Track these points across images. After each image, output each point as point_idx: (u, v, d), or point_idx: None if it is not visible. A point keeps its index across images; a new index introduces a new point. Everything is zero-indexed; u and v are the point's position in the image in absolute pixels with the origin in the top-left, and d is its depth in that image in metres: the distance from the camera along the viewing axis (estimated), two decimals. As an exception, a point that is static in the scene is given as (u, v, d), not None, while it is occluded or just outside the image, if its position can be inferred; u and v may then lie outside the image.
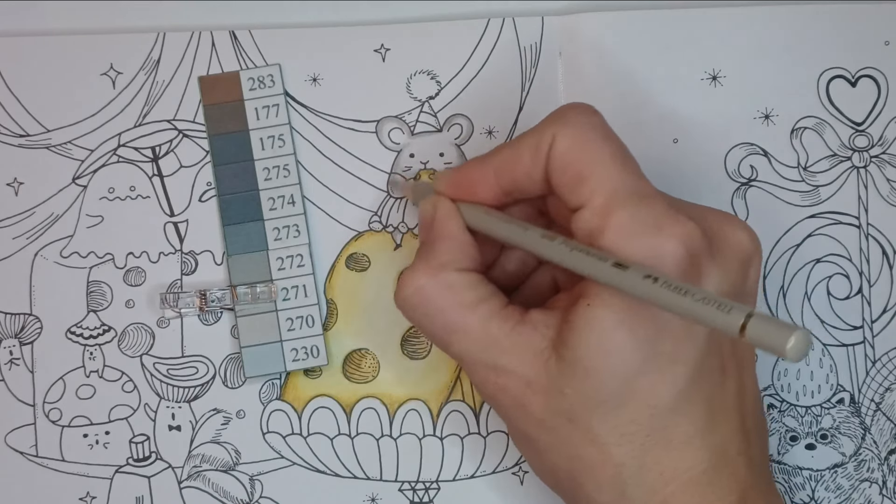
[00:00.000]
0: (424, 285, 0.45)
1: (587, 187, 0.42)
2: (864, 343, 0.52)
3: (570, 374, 0.42)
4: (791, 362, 0.43)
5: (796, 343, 0.35)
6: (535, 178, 0.44)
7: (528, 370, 0.43)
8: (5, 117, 0.53)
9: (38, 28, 0.53)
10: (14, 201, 0.52)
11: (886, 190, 0.53)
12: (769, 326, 0.35)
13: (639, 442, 0.42)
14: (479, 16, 0.54)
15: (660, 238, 0.41)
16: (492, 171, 0.46)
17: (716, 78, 0.53)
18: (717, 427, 0.43)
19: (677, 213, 0.42)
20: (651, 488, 0.43)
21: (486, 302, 0.44)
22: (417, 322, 0.46)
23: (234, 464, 0.52)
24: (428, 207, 0.47)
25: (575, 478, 0.44)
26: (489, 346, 0.44)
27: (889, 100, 0.53)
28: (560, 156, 0.43)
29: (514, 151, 0.45)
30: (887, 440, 0.52)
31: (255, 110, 0.53)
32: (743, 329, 0.36)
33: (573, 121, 0.44)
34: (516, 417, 0.45)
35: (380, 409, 0.52)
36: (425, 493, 0.52)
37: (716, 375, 0.43)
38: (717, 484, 0.43)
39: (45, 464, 0.51)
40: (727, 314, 0.36)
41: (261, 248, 0.52)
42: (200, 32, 0.53)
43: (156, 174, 0.53)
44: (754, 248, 0.45)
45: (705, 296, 0.37)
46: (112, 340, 0.52)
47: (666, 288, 0.38)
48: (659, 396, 0.42)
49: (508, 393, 0.44)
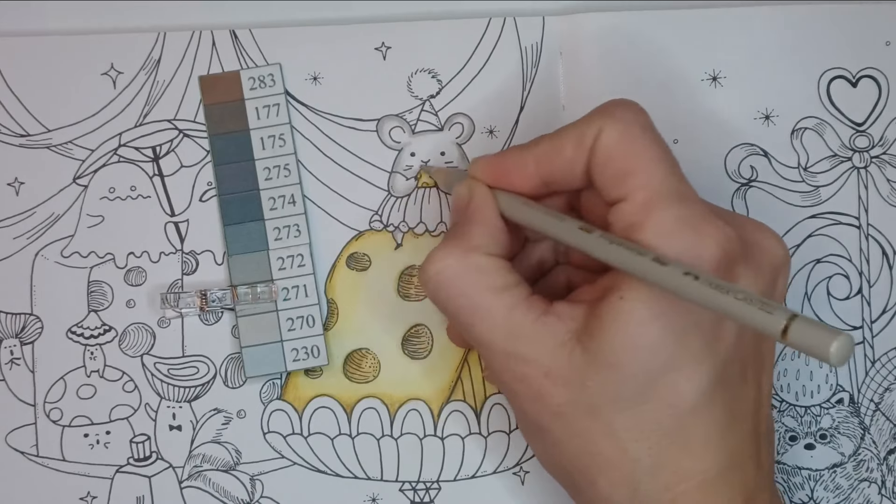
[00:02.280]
0: (453, 265, 0.44)
1: (630, 182, 0.42)
2: (863, 343, 0.53)
3: (595, 367, 0.42)
4: (834, 367, 0.43)
5: (839, 348, 0.35)
6: (576, 170, 0.44)
7: (549, 360, 0.43)
8: (6, 117, 0.53)
9: (38, 28, 0.53)
10: (15, 201, 0.52)
11: (887, 190, 0.53)
12: (813, 330, 0.35)
13: (656, 440, 0.42)
14: (481, 15, 0.54)
15: (699, 238, 0.41)
16: (532, 159, 0.45)
17: (716, 78, 0.53)
18: (733, 431, 0.43)
19: (716, 217, 0.42)
20: (664, 487, 0.43)
21: (513, 289, 0.44)
22: (440, 302, 0.45)
23: (234, 464, 0.52)
24: (464, 191, 0.47)
25: (587, 472, 0.44)
26: (511, 334, 0.44)
27: (890, 100, 0.53)
28: (605, 149, 0.43)
29: (557, 142, 0.45)
30: (886, 440, 0.52)
31: (256, 110, 0.53)
32: (785, 331, 0.36)
33: (620, 116, 0.44)
34: (531, 408, 0.44)
35: (380, 409, 0.52)
36: (426, 493, 0.52)
37: (737, 380, 0.43)
38: (727, 486, 0.43)
39: (45, 464, 0.52)
40: (770, 315, 0.36)
41: (261, 248, 0.52)
42: (201, 32, 0.53)
43: (156, 174, 0.53)
44: (785, 257, 0.45)
45: (748, 296, 0.37)
46: (113, 340, 0.52)
47: (707, 286, 0.38)
48: (681, 396, 0.42)
49: (526, 382, 0.44)
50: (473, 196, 0.46)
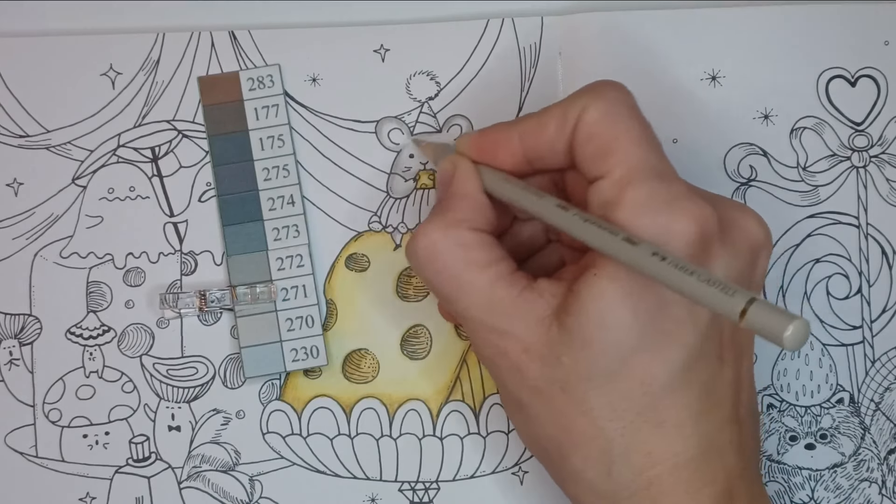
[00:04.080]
0: (437, 241, 0.45)
1: (610, 160, 0.43)
2: (863, 343, 0.53)
3: (569, 343, 0.42)
4: (788, 351, 0.43)
5: (794, 332, 0.35)
6: (559, 147, 0.45)
7: (528, 336, 0.43)
8: (5, 118, 0.53)
9: (38, 28, 0.53)
10: (14, 202, 0.52)
11: (886, 190, 0.53)
12: (769, 313, 0.36)
13: (629, 419, 0.43)
14: (479, 16, 0.54)
15: (673, 216, 0.41)
16: (516, 135, 0.46)
17: (715, 78, 0.53)
18: (709, 415, 0.43)
19: (694, 194, 0.42)
20: (638, 468, 0.43)
21: (496, 264, 0.44)
22: (425, 277, 0.45)
23: (233, 464, 0.52)
24: (448, 166, 0.47)
25: (562, 449, 0.44)
26: (493, 308, 0.44)
27: (888, 100, 0.53)
28: (588, 126, 0.43)
29: (542, 118, 0.45)
30: (887, 440, 0.52)
31: (255, 110, 0.53)
32: (743, 314, 0.36)
33: (605, 95, 0.44)
34: (511, 382, 0.45)
35: (379, 410, 0.52)
36: (425, 493, 0.52)
37: (713, 362, 0.43)
38: (704, 471, 0.43)
39: (44, 464, 0.51)
40: (730, 297, 0.37)
41: (260, 249, 0.52)
42: (200, 33, 0.53)
43: (155, 174, 0.53)
44: (765, 238, 0.45)
45: (710, 278, 0.37)
46: (112, 341, 0.52)
47: (672, 266, 0.39)
48: (653, 376, 0.42)
49: (506, 357, 0.44)
50: (457, 171, 0.47)
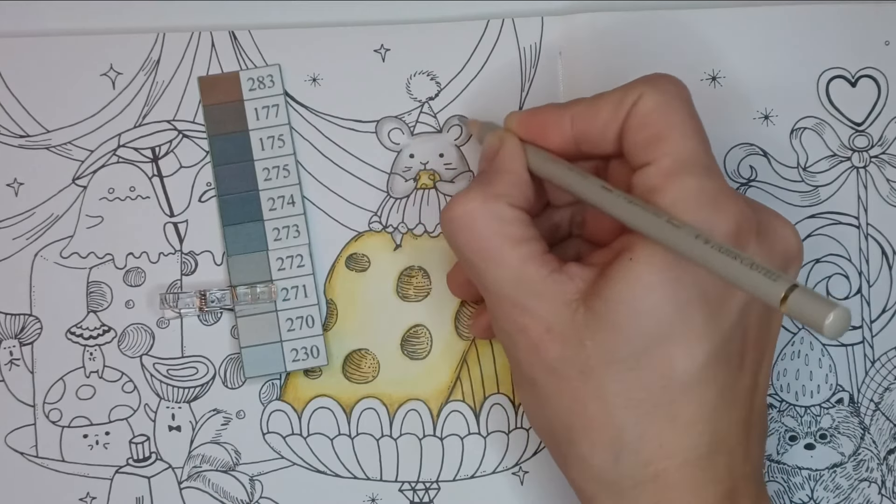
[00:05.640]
0: (475, 210, 0.45)
1: (660, 149, 0.43)
2: (863, 343, 0.53)
3: (595, 327, 0.42)
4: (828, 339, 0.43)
5: (835, 320, 0.35)
6: (611, 131, 0.45)
7: (553, 316, 0.43)
8: (5, 118, 0.53)
9: (38, 28, 0.53)
10: (14, 202, 0.52)
11: (886, 190, 0.53)
12: (810, 300, 0.36)
13: (644, 410, 0.43)
14: (479, 16, 0.54)
15: (716, 211, 0.42)
16: (568, 117, 0.46)
17: (715, 78, 0.53)
18: (723, 415, 0.43)
19: (736, 195, 0.43)
20: (646, 460, 0.43)
21: (530, 243, 0.45)
22: (457, 244, 0.45)
23: (234, 464, 0.52)
24: (494, 140, 0.48)
25: (571, 432, 0.44)
26: (522, 285, 0.44)
27: (889, 100, 0.53)
28: (642, 114, 0.44)
29: (596, 102, 0.45)
30: (886, 440, 0.52)
31: (255, 110, 0.53)
32: (784, 300, 0.36)
33: (662, 86, 0.44)
34: (527, 360, 0.45)
35: (380, 410, 0.52)
36: (425, 493, 0.52)
37: (734, 363, 0.44)
38: (711, 470, 0.43)
39: (45, 464, 0.51)
40: (773, 282, 0.37)
41: (261, 249, 0.52)
42: (200, 33, 0.53)
43: (156, 174, 0.53)
44: (798, 250, 0.46)
45: (753, 262, 0.38)
46: (112, 341, 0.52)
47: (715, 250, 0.39)
48: (675, 369, 0.42)
49: (526, 333, 0.44)
50: (504, 145, 0.47)
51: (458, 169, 0.53)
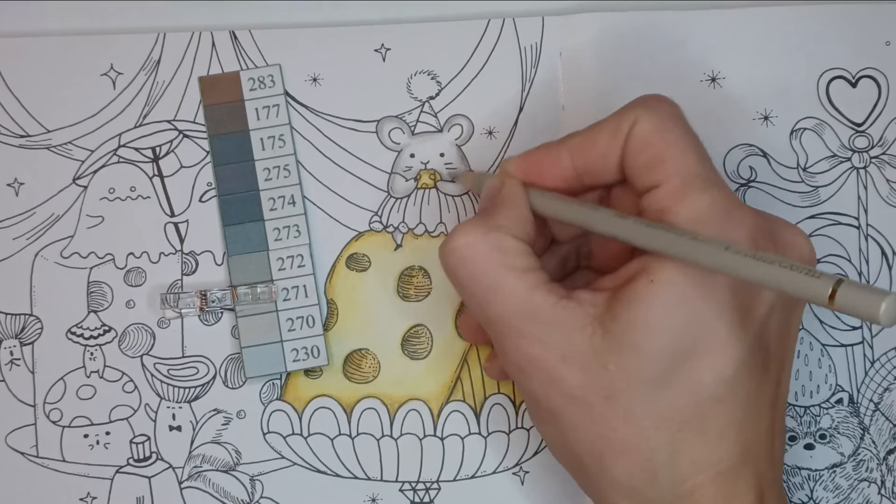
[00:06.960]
0: (477, 241, 0.44)
1: (664, 169, 0.43)
2: (862, 343, 0.53)
3: (617, 350, 0.42)
4: (885, 327, 0.43)
5: (889, 307, 0.35)
6: (611, 159, 0.45)
7: (566, 344, 0.43)
8: (5, 118, 0.53)
9: (38, 28, 0.53)
10: (14, 202, 0.52)
11: (886, 191, 0.53)
12: (859, 292, 0.36)
13: (675, 427, 0.42)
14: (480, 16, 0.54)
15: (730, 223, 0.42)
16: (566, 152, 0.46)
17: (715, 79, 0.53)
18: (750, 425, 0.43)
19: (747, 207, 0.43)
20: (682, 476, 0.43)
21: (535, 272, 0.44)
22: (458, 278, 0.45)
23: (234, 464, 0.52)
24: (495, 182, 0.47)
25: (602, 458, 0.43)
26: (529, 315, 0.43)
27: (889, 100, 0.53)
28: (640, 137, 0.44)
29: (591, 133, 0.45)
30: (886, 440, 0.52)
31: (256, 110, 0.53)
32: (833, 296, 0.36)
33: (655, 107, 0.44)
34: (544, 392, 0.44)
35: (380, 410, 0.52)
36: (426, 493, 0.52)
37: (759, 372, 0.43)
38: (741, 479, 0.43)
39: (45, 464, 0.52)
40: (817, 280, 0.37)
41: (261, 249, 0.52)
42: (200, 33, 0.53)
43: (156, 174, 0.53)
44: (811, 255, 0.46)
45: (792, 264, 0.38)
46: (112, 341, 0.52)
47: (750, 258, 0.39)
48: (703, 383, 0.42)
49: (539, 364, 0.43)
50: (504, 185, 0.47)
51: (458, 168, 0.53)
